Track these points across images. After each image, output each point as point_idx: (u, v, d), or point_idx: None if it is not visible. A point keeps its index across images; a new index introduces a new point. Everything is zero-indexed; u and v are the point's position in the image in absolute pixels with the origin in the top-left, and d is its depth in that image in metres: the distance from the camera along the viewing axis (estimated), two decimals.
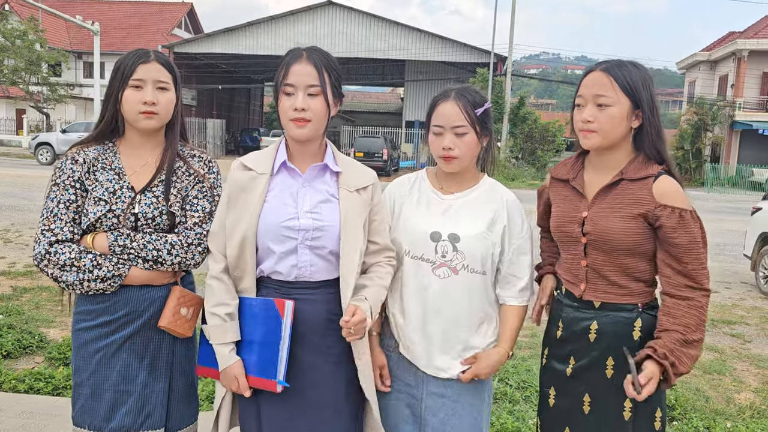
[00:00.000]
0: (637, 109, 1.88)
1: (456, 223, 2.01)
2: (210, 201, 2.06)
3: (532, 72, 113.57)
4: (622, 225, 1.88)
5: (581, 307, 1.99)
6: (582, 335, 1.97)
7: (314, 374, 1.91)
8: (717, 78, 35.53)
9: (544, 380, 2.11)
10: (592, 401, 1.96)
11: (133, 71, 1.95)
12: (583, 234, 1.95)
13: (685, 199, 1.87)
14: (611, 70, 1.88)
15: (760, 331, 6.14)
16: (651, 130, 1.89)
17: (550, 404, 2.07)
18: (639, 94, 1.86)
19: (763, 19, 35.40)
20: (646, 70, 1.93)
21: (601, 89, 1.87)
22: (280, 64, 1.91)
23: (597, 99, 1.87)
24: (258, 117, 51.47)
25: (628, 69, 1.88)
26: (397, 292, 2.06)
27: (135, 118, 1.98)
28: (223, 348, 1.90)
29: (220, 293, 1.91)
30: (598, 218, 1.92)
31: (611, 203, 1.91)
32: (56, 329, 4.91)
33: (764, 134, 31.08)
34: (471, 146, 1.99)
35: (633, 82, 1.86)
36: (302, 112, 1.85)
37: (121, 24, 41.93)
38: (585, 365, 1.97)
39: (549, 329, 2.11)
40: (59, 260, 1.90)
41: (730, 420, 3.88)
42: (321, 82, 1.86)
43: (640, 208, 1.87)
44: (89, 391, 1.98)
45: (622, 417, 1.91)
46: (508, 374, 4.22)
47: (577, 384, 1.99)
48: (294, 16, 33.06)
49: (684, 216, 1.83)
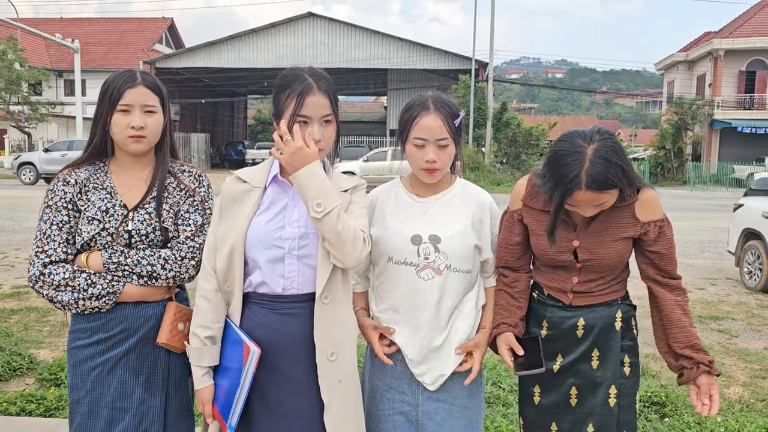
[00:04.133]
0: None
1: (435, 225, 2.04)
2: (201, 214, 2.08)
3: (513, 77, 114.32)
4: (615, 248, 2.00)
5: (566, 306, 2.07)
6: (570, 332, 2.05)
7: (301, 389, 1.90)
8: (695, 77, 36.06)
9: (528, 379, 2.13)
10: (579, 393, 2.04)
11: (120, 95, 1.97)
12: (577, 260, 2.02)
13: (660, 207, 2.01)
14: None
15: (747, 326, 6.23)
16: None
17: (534, 402, 2.11)
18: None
19: (738, 18, 36.05)
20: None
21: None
22: (285, 90, 1.89)
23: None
24: (242, 130, 51.35)
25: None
26: (385, 300, 2.08)
27: (124, 142, 2.00)
28: (199, 370, 1.94)
29: (205, 314, 1.92)
30: (591, 246, 2.00)
31: (599, 228, 2.00)
32: (46, 350, 4.87)
33: (743, 132, 31.58)
34: (451, 156, 2.04)
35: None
36: (318, 143, 1.88)
37: (102, 41, 41.76)
38: (573, 360, 2.05)
39: (531, 329, 2.14)
40: (54, 281, 1.91)
41: (721, 414, 3.93)
42: (333, 110, 1.92)
43: (627, 231, 1.99)
44: (86, 408, 1.98)
45: (607, 404, 2.01)
46: (501, 378, 4.25)
47: (564, 378, 2.06)
48: (275, 28, 33.13)
49: (662, 226, 2.00)
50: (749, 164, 29.49)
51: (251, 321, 1.92)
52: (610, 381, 2.01)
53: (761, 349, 5.44)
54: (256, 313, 1.92)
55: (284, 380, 1.90)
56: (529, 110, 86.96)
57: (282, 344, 1.89)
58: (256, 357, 1.83)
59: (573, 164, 1.83)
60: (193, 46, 34.72)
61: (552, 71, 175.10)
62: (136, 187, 2.05)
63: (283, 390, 1.90)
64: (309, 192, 1.79)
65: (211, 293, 1.93)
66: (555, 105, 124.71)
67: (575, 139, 1.87)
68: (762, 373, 4.81)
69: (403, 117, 2.07)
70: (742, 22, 34.18)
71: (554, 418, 2.08)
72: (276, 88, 1.93)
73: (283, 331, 1.90)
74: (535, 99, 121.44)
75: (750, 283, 7.98)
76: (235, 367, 1.89)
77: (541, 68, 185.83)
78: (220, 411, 1.93)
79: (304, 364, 1.90)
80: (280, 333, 1.90)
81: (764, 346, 5.57)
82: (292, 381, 1.90)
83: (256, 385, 1.89)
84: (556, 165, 1.87)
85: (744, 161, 30.27)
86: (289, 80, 1.90)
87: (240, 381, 1.86)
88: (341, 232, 1.79)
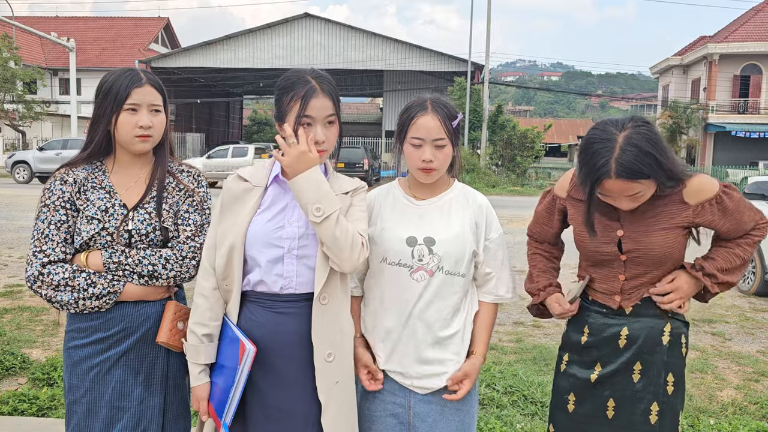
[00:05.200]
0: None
1: (431, 227, 2.04)
2: (200, 214, 2.09)
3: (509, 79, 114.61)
4: (664, 238, 1.89)
5: (611, 313, 1.99)
6: (611, 341, 1.97)
7: (298, 389, 1.91)
8: (690, 82, 36.24)
9: (563, 386, 2.08)
10: (617, 406, 1.95)
11: (128, 95, 1.96)
12: (621, 252, 1.94)
13: (712, 187, 1.89)
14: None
15: (740, 329, 6.25)
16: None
17: (568, 410, 2.05)
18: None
19: (733, 23, 36.26)
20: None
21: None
22: (287, 91, 1.89)
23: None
24: (237, 130, 51.28)
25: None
26: (376, 300, 2.07)
27: (131, 141, 2.00)
28: (195, 368, 1.95)
29: (203, 312, 1.93)
30: (637, 236, 1.91)
31: (645, 216, 1.90)
32: (39, 349, 4.85)
33: (737, 136, 31.74)
34: (448, 157, 2.03)
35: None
36: (322, 144, 1.89)
37: (97, 40, 41.67)
38: (612, 371, 1.96)
39: (569, 336, 2.10)
40: (53, 281, 1.89)
41: (714, 417, 3.94)
42: (336, 111, 1.93)
43: (676, 218, 1.89)
44: (84, 408, 1.97)
45: (648, 421, 1.91)
46: (495, 380, 4.25)
47: (602, 389, 1.98)
48: (271, 28, 33.12)
49: (720, 201, 1.88)
50: (743, 168, 29.59)
51: (249, 319, 1.92)
52: (651, 397, 1.91)
53: (754, 353, 5.46)
54: (254, 312, 1.93)
55: (280, 379, 1.90)
56: (524, 113, 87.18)
57: (279, 343, 1.89)
58: (251, 355, 1.83)
59: (602, 152, 1.76)
60: (189, 45, 34.69)
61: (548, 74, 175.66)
62: (134, 187, 2.05)
63: (278, 389, 1.90)
64: (308, 196, 1.79)
65: (209, 291, 1.94)
66: (550, 108, 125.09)
67: (607, 127, 1.81)
68: (755, 376, 4.83)
69: (401, 117, 2.07)
70: (737, 27, 34.38)
71: (588, 428, 2.01)
72: (279, 90, 1.93)
73: (280, 330, 1.90)
74: (530, 102, 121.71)
75: (743, 287, 8.01)
76: (231, 365, 1.89)
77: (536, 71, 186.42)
78: (215, 409, 1.93)
79: (300, 363, 1.90)
80: (277, 332, 1.90)
81: (757, 349, 5.60)
82: (287, 380, 1.90)
83: (252, 384, 1.90)
84: (586, 153, 1.81)
85: (738, 165, 30.40)
86: (292, 82, 1.90)
87: (235, 379, 1.87)
88: (339, 237, 1.80)
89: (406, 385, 2.04)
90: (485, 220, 2.09)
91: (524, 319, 6.23)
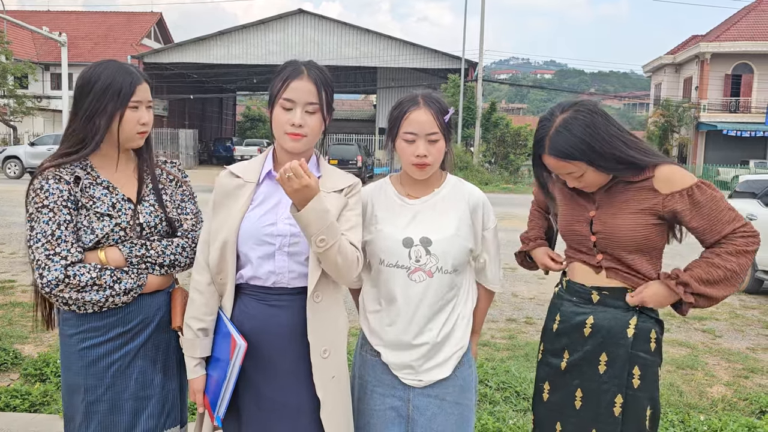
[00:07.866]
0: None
1: (426, 227, 2.04)
2: (194, 203, 2.17)
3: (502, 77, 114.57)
4: (632, 223, 1.92)
5: (579, 302, 2.04)
6: (577, 329, 2.02)
7: (290, 381, 1.92)
8: (682, 80, 36.42)
9: (540, 375, 2.14)
10: (584, 396, 1.99)
11: (132, 92, 1.96)
12: (592, 233, 2.00)
13: (684, 178, 1.89)
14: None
15: (730, 326, 6.31)
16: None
17: (543, 399, 2.10)
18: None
19: (724, 22, 36.44)
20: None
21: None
22: (277, 76, 1.93)
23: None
24: (231, 126, 51.14)
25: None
26: (376, 301, 2.08)
27: (132, 138, 2.00)
28: (191, 361, 1.98)
29: (198, 307, 1.95)
30: (606, 217, 1.96)
31: (617, 201, 1.96)
32: (31, 345, 4.83)
33: (729, 134, 31.93)
34: (441, 152, 2.03)
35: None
36: (299, 128, 1.88)
37: (89, 35, 41.36)
38: (578, 359, 2.00)
39: (546, 324, 2.17)
40: (80, 282, 1.85)
41: (704, 413, 3.98)
42: (320, 100, 1.91)
43: (645, 203, 1.92)
44: (107, 406, 1.96)
45: (612, 413, 1.93)
46: (488, 376, 4.27)
47: (570, 378, 2.02)
48: (265, 24, 33.01)
49: (692, 194, 1.86)
50: (734, 167, 29.81)
51: (242, 312, 1.94)
52: (616, 389, 1.93)
53: (744, 349, 5.52)
54: (247, 305, 1.94)
55: (273, 371, 1.92)
56: (517, 110, 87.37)
57: (271, 335, 1.91)
58: (242, 351, 1.85)
59: (542, 129, 1.97)
60: (181, 41, 34.48)
61: (541, 72, 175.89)
62: (128, 181, 2.05)
63: (271, 381, 1.92)
64: (312, 229, 1.77)
65: (204, 286, 1.95)
66: (543, 105, 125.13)
67: (555, 108, 1.99)
68: (745, 372, 4.88)
69: (393, 113, 2.07)
70: (729, 26, 34.56)
71: (560, 417, 2.04)
72: (272, 78, 1.96)
73: (272, 322, 1.91)
74: (523, 99, 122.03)
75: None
76: (225, 358, 1.92)
77: (529, 69, 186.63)
78: (210, 401, 1.96)
79: (292, 356, 1.92)
80: (269, 324, 1.92)
81: (747, 346, 5.65)
82: (280, 372, 1.92)
83: (246, 377, 1.92)
84: (537, 127, 2.01)
85: (729, 164, 30.60)
86: (283, 67, 1.95)
87: (228, 373, 1.89)
88: (341, 264, 1.84)
89: (407, 379, 2.05)
90: (482, 213, 2.10)
91: (516, 316, 6.26)
